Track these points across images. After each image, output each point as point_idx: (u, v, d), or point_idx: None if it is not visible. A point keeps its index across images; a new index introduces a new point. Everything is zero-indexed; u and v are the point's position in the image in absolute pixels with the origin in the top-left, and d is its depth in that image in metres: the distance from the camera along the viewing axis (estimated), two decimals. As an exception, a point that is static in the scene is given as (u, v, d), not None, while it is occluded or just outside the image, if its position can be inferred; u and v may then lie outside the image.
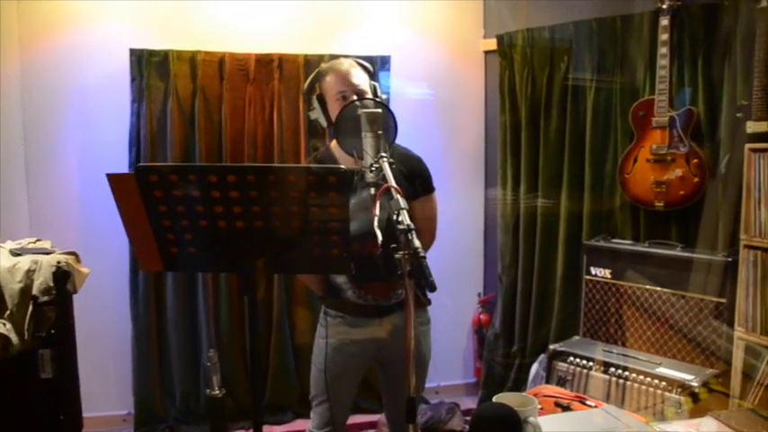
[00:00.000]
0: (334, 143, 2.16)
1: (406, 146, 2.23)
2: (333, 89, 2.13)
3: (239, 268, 1.68)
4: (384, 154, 1.75)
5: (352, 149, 1.86)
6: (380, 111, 1.81)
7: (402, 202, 1.59)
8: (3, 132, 3.30)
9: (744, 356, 2.72)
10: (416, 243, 1.50)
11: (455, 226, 3.84)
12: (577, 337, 3.33)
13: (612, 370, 2.95)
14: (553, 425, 1.71)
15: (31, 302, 1.92)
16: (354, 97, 2.05)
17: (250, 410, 3.36)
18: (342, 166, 1.58)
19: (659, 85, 3.07)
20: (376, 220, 1.67)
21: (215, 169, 1.60)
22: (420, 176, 2.22)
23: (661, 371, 2.83)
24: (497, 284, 3.93)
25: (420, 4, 3.92)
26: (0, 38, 3.33)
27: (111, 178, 1.57)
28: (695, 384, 2.70)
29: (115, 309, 3.58)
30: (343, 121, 1.90)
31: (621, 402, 2.87)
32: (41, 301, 1.93)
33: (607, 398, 2.90)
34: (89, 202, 3.49)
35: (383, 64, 3.76)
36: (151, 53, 3.48)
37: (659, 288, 3.04)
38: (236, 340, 3.67)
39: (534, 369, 3.47)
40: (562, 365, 3.13)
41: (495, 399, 1.51)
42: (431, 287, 1.43)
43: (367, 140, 1.79)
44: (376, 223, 1.67)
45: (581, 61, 3.48)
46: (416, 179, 2.19)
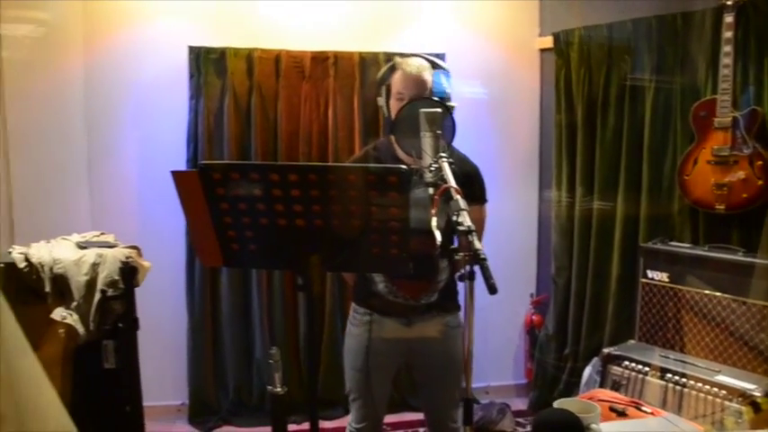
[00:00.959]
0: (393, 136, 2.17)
1: (460, 144, 2.22)
2: (395, 87, 2.15)
3: (298, 266, 1.70)
4: (443, 154, 1.74)
5: (411, 149, 1.87)
6: (440, 110, 1.81)
7: (462, 203, 1.58)
8: (66, 128, 3.41)
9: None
10: (477, 245, 1.49)
11: (508, 225, 3.81)
12: (633, 342, 3.25)
13: (669, 376, 2.88)
14: (612, 432, 1.68)
15: (96, 295, 1.98)
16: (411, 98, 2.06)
17: (301, 405, 3.43)
18: (403, 165, 1.58)
19: (722, 85, 2.97)
20: (434, 220, 1.66)
21: (277, 168, 1.62)
22: (476, 184, 2.21)
23: (721, 378, 2.75)
24: (551, 285, 3.88)
25: (475, 2, 3.89)
26: (66, 36, 3.44)
27: (175, 175, 1.60)
28: (757, 394, 2.61)
29: (172, 301, 3.66)
30: (402, 120, 1.91)
31: (678, 409, 2.80)
32: (108, 294, 1.99)
33: (663, 404, 2.83)
34: (147, 196, 3.58)
35: (437, 62, 3.74)
36: (209, 50, 3.54)
37: (719, 293, 2.94)
38: (289, 335, 3.72)
39: (587, 372, 3.41)
40: (617, 370, 3.07)
41: (555, 404, 1.49)
42: (492, 290, 1.42)
43: (426, 140, 1.79)
44: (434, 223, 1.67)
45: (640, 60, 3.40)
46: (471, 186, 2.17)
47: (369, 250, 1.68)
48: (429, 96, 2.11)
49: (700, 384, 2.77)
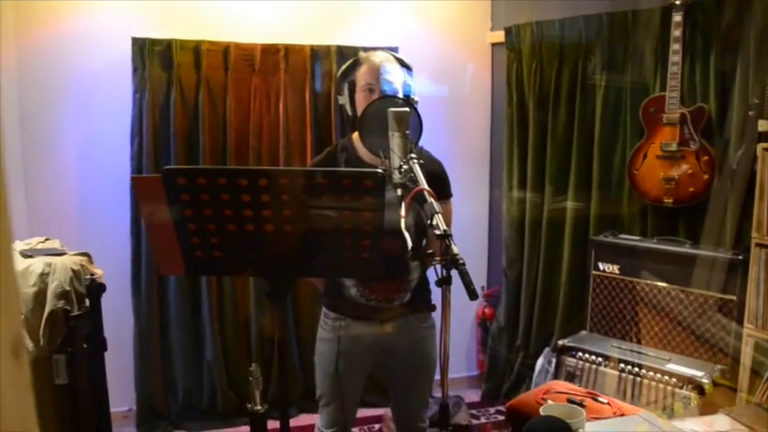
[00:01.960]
0: (355, 135, 2.11)
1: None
2: (362, 80, 2.09)
3: (265, 272, 1.65)
4: (413, 155, 1.72)
5: (378, 149, 1.82)
6: (407, 110, 1.77)
7: (437, 205, 1.56)
8: (-1, 124, 3.22)
9: (752, 353, 2.74)
10: (455, 249, 1.47)
11: (459, 218, 3.78)
12: (584, 332, 3.32)
13: (624, 366, 2.95)
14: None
15: (47, 307, 1.87)
16: (379, 94, 2.01)
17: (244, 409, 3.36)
18: (367, 166, 1.54)
19: (671, 82, 3.05)
20: (403, 221, 1.64)
21: (246, 172, 1.55)
22: (441, 181, 2.18)
23: (672, 367, 2.84)
24: (502, 278, 3.92)
25: (427, -5, 3.87)
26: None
27: (135, 181, 1.55)
28: (705, 381, 2.71)
29: (117, 306, 3.50)
30: (369, 118, 1.86)
31: (632, 398, 2.88)
32: (57, 306, 1.87)
33: (619, 393, 2.90)
34: (89, 196, 3.38)
35: (389, 55, 3.70)
36: (154, 42, 3.39)
37: (667, 284, 3.04)
38: (240, 338, 3.64)
39: (539, 363, 3.47)
40: (571, 361, 3.13)
41: (542, 411, 1.50)
42: (472, 295, 1.41)
43: (395, 140, 1.75)
44: (403, 225, 1.64)
45: (591, 56, 3.44)
46: (441, 184, 2.14)
47: (341, 255, 1.64)
48: (398, 91, 2.07)
49: (651, 373, 2.86)
